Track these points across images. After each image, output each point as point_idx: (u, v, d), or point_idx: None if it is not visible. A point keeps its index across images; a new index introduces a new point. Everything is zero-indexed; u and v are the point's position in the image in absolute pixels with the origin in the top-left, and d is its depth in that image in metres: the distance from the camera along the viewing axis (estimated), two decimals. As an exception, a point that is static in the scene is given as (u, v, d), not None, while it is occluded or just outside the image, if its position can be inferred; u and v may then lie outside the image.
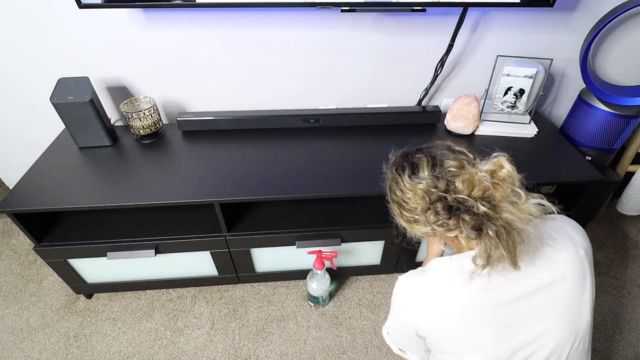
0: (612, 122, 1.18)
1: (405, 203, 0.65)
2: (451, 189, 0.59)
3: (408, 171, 0.64)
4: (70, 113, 1.11)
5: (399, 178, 0.65)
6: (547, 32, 1.23)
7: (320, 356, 1.17)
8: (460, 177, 0.59)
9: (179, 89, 1.29)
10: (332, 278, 1.27)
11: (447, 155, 0.63)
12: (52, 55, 1.17)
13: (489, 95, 1.25)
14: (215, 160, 1.15)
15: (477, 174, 0.59)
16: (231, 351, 1.18)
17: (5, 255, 1.49)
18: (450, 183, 0.60)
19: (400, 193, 0.65)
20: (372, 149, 1.19)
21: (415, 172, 0.63)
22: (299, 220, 1.18)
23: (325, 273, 1.22)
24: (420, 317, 0.64)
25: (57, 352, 1.19)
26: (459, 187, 0.59)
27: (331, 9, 1.11)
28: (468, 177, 0.59)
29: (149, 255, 1.12)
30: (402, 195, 0.65)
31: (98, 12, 1.08)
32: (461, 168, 0.60)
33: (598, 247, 1.52)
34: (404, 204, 0.65)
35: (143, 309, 1.30)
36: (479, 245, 0.58)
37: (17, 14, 1.08)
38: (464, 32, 1.22)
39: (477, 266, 0.58)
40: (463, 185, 0.58)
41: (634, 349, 1.20)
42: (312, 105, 1.38)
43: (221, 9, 1.11)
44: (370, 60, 1.26)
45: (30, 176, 1.09)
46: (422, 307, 0.64)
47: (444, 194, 0.59)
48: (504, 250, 0.56)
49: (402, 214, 0.66)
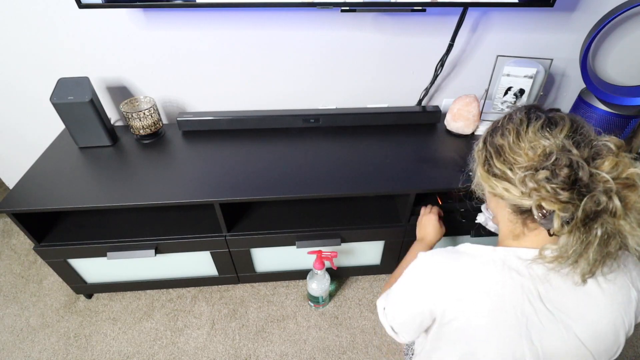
0: (612, 122, 1.18)
1: (509, 150, 0.54)
2: (594, 163, 0.49)
3: (542, 121, 0.53)
4: (70, 113, 1.11)
5: (526, 122, 0.54)
6: (547, 32, 1.23)
7: (320, 356, 1.17)
8: (613, 159, 0.48)
9: (179, 89, 1.29)
10: (332, 278, 1.28)
11: (591, 133, 0.53)
12: (52, 56, 1.17)
13: (489, 95, 1.25)
14: (215, 160, 1.15)
15: (633, 167, 0.48)
16: (231, 351, 1.18)
17: (5, 255, 1.49)
18: (597, 156, 0.49)
19: (513, 138, 0.54)
20: (372, 149, 1.19)
21: (550, 125, 0.52)
22: (299, 220, 1.18)
23: (325, 273, 1.22)
24: (443, 301, 0.57)
25: (57, 352, 1.19)
26: (606, 165, 0.48)
27: (331, 9, 1.11)
28: (622, 165, 0.48)
29: (149, 255, 1.12)
30: (514, 141, 0.54)
31: (98, 12, 1.08)
32: (619, 149, 0.49)
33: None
34: (508, 151, 0.54)
35: (143, 309, 1.30)
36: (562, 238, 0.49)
37: (17, 14, 1.08)
38: (464, 32, 1.22)
39: (542, 257, 0.50)
40: (611, 167, 0.48)
41: (634, 349, 1.20)
42: (312, 105, 1.38)
43: (221, 9, 1.11)
44: (370, 60, 1.26)
45: (30, 176, 1.09)
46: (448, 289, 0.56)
47: (583, 161, 0.48)
48: (592, 256, 0.47)
49: (492, 163, 0.56)
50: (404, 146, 1.20)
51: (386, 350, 1.19)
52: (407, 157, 1.15)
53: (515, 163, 0.53)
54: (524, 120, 0.54)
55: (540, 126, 0.52)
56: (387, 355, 1.17)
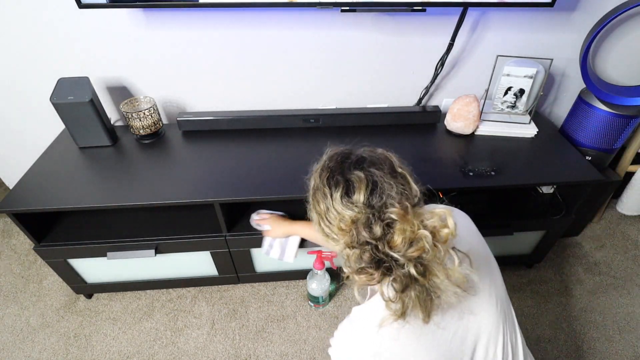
0: (612, 122, 1.18)
1: (327, 221, 0.58)
2: (386, 239, 0.52)
3: (341, 189, 0.55)
4: (70, 113, 1.11)
5: (329, 192, 0.57)
6: (547, 32, 1.23)
7: (320, 356, 1.17)
8: (400, 228, 0.51)
9: (179, 89, 1.29)
10: (332, 278, 1.28)
11: (389, 184, 0.55)
12: (52, 56, 1.17)
13: (489, 95, 1.25)
14: (215, 160, 1.15)
15: (419, 230, 0.51)
16: (231, 351, 1.18)
17: (5, 255, 1.49)
18: (387, 230, 0.52)
19: (325, 209, 0.58)
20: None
21: (349, 194, 0.55)
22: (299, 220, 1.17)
23: (325, 273, 1.22)
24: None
25: (57, 352, 1.18)
26: (396, 241, 0.51)
27: (331, 9, 1.11)
28: (409, 232, 0.51)
29: (149, 255, 1.12)
30: (326, 211, 0.58)
31: (98, 12, 1.08)
32: (403, 217, 0.52)
33: (598, 247, 1.52)
34: (326, 220, 0.58)
35: (143, 309, 1.30)
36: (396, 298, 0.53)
37: (17, 14, 1.08)
38: (464, 31, 1.22)
39: (390, 313, 0.54)
40: (400, 240, 0.51)
41: (634, 349, 1.20)
42: (312, 105, 1.37)
43: (221, 9, 1.11)
44: (370, 60, 1.26)
45: (30, 176, 1.09)
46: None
47: (375, 242, 0.52)
48: (420, 310, 0.52)
49: (322, 226, 0.60)
50: (404, 146, 1.20)
51: (386, 350, 1.18)
52: (407, 157, 1.13)
53: (333, 231, 0.57)
54: (327, 193, 0.57)
55: (341, 196, 0.55)
56: (387, 355, 1.17)
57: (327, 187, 0.57)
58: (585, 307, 1.31)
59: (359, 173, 0.56)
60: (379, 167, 0.57)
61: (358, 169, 0.57)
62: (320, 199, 0.59)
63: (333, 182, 0.57)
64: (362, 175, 0.55)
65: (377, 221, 0.53)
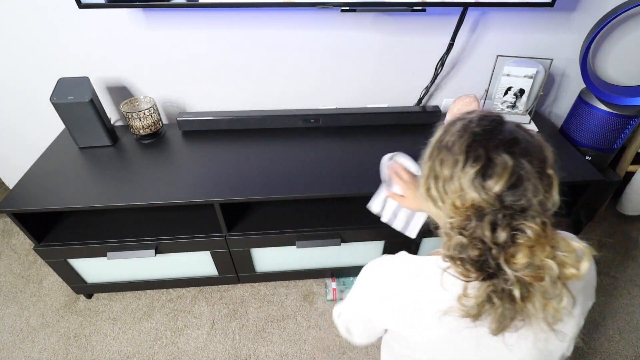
0: (612, 122, 1.18)
1: (442, 185, 0.50)
2: (507, 250, 0.45)
3: (478, 167, 0.46)
4: (70, 113, 1.11)
5: (462, 162, 0.47)
6: (547, 32, 1.23)
7: (320, 356, 1.17)
8: (530, 248, 0.44)
9: (179, 89, 1.29)
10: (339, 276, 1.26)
11: (534, 186, 0.46)
12: (52, 56, 1.17)
13: (489, 95, 1.25)
14: (215, 160, 1.15)
15: (548, 262, 0.44)
16: (231, 351, 1.18)
17: (5, 255, 1.49)
18: (512, 242, 0.44)
19: (448, 175, 0.49)
20: (372, 149, 1.19)
21: (485, 176, 0.46)
22: (299, 220, 1.18)
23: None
24: (388, 316, 0.56)
25: (57, 352, 1.19)
26: (518, 260, 0.44)
27: (331, 9, 1.11)
28: (538, 261, 0.44)
29: (149, 255, 1.12)
30: (448, 178, 0.49)
31: (98, 12, 1.08)
32: (538, 238, 0.44)
33: (598, 247, 1.51)
34: (441, 184, 0.50)
35: (143, 309, 1.30)
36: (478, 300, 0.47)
37: (17, 14, 1.08)
38: (464, 31, 1.22)
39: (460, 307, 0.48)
40: (524, 262, 0.44)
41: (634, 349, 1.20)
42: (312, 105, 1.37)
43: (221, 9, 1.11)
44: (370, 60, 1.26)
45: (30, 176, 1.09)
46: (392, 306, 0.55)
47: (492, 246, 0.45)
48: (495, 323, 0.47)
49: (430, 187, 0.52)
50: (404, 146, 1.20)
51: (386, 350, 1.19)
52: (407, 157, 1.15)
53: (444, 202, 0.50)
54: (460, 161, 0.47)
55: (475, 174, 0.46)
56: (387, 355, 1.17)
57: (462, 154, 0.47)
58: (585, 307, 1.31)
59: (507, 158, 0.45)
60: (530, 159, 0.46)
61: (507, 152, 0.46)
62: (447, 161, 0.49)
63: (472, 154, 0.47)
64: (509, 163, 0.45)
65: (505, 226, 0.45)
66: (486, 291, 0.46)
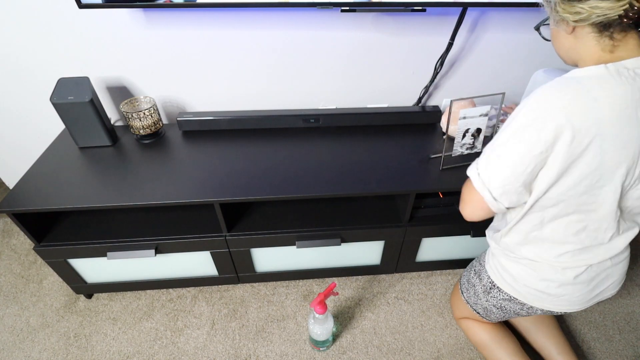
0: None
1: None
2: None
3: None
4: (70, 113, 1.11)
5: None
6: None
7: (321, 356, 1.17)
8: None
9: (179, 89, 1.29)
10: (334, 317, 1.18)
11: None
12: (52, 55, 1.17)
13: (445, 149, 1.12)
14: (215, 160, 1.15)
15: None
16: (231, 351, 1.18)
17: (5, 255, 1.49)
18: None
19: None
20: (372, 149, 1.19)
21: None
22: (299, 220, 1.18)
23: (328, 314, 1.07)
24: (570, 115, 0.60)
25: (57, 352, 1.19)
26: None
27: (331, 9, 1.11)
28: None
29: (149, 255, 1.12)
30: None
31: (98, 12, 1.08)
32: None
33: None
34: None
35: (143, 309, 1.30)
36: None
37: (17, 14, 1.08)
38: (464, 31, 1.22)
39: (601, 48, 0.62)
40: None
41: (634, 349, 1.20)
42: (312, 105, 1.38)
43: (221, 9, 1.11)
44: (370, 60, 1.27)
45: (30, 176, 1.09)
46: (573, 105, 0.61)
47: None
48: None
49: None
50: (403, 146, 1.20)
51: (386, 350, 1.19)
52: (407, 157, 1.15)
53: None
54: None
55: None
56: (387, 355, 1.17)
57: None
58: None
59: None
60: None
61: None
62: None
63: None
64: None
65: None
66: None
